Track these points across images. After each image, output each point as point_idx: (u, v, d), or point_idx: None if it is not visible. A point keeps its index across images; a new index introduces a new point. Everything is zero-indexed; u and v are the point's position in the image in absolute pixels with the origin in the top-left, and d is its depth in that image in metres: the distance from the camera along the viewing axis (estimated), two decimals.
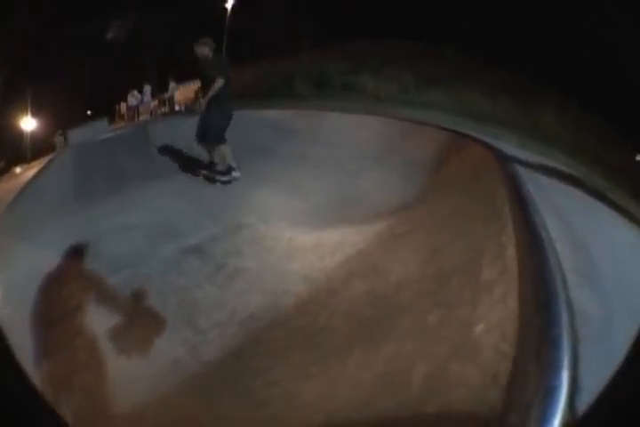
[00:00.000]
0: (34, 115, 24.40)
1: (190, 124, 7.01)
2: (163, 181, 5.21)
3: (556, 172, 3.27)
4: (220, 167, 4.87)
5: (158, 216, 4.01)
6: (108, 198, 5.01)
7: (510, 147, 4.11)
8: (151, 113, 16.17)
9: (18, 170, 19.74)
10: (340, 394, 1.53)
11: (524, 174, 2.55)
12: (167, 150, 6.28)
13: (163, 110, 15.86)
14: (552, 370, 1.10)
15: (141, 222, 3.90)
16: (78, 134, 9.91)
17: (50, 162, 7.22)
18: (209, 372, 1.88)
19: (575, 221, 2.10)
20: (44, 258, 3.49)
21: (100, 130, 9.57)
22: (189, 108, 13.79)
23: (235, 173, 4.81)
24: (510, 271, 1.59)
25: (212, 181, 4.89)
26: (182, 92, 15.98)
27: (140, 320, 2.40)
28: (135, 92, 16.43)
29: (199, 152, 5.52)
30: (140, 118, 16.04)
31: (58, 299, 2.78)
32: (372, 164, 4.12)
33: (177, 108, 15.06)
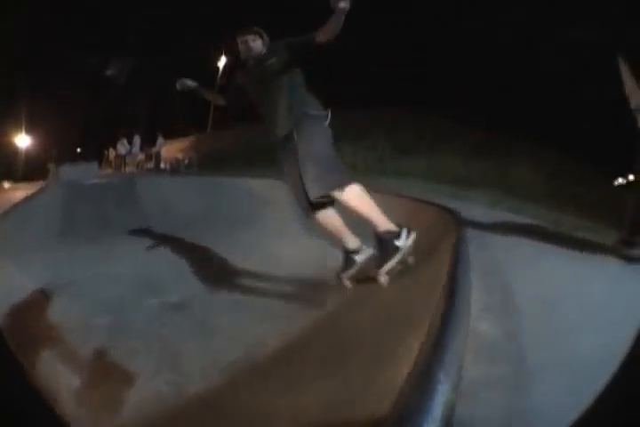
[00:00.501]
0: (28, 133, 24.49)
1: (177, 184, 7.41)
2: (146, 236, 5.31)
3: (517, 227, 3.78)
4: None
5: (141, 269, 4.12)
6: (93, 244, 5.16)
7: (480, 207, 4.53)
8: (137, 165, 16.43)
9: (6, 185, 19.61)
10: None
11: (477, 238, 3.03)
12: (153, 206, 6.45)
13: (148, 165, 16.14)
14: None
15: (124, 273, 4.02)
16: (69, 172, 9.96)
17: (40, 191, 7.36)
18: (193, 403, 2.10)
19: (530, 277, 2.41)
20: (17, 283, 3.68)
21: (90, 172, 9.71)
22: (174, 168, 14.13)
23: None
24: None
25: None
26: (168, 149, 16.28)
27: (118, 363, 2.60)
28: (125, 141, 16.76)
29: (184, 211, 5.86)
30: (127, 168, 16.28)
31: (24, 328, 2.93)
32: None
33: (162, 165, 15.20)
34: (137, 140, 16.55)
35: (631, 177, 4.27)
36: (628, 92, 4.53)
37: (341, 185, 3.02)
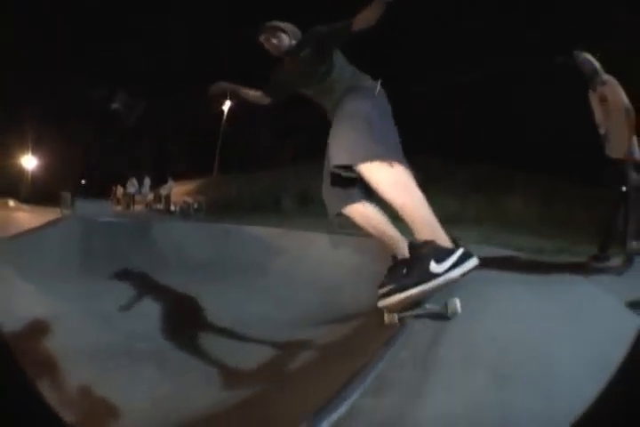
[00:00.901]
0: (34, 154, 24.76)
1: (189, 230, 7.75)
2: (166, 278, 5.39)
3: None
4: None
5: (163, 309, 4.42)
6: (114, 279, 5.35)
7: (472, 243, 4.65)
8: (147, 205, 16.76)
9: (11, 203, 19.75)
10: None
11: None
12: (167, 249, 6.78)
13: (157, 206, 16.54)
14: None
15: (150, 310, 4.32)
16: (85, 207, 10.05)
17: (57, 220, 7.59)
18: None
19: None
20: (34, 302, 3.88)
21: (106, 210, 9.84)
22: (184, 211, 14.61)
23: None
24: None
25: None
26: (175, 192, 16.55)
27: None
28: (134, 181, 17.13)
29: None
30: (135, 207, 16.58)
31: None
32: (350, 279, 4.72)
33: (172, 207, 15.55)
34: (147, 181, 16.92)
35: None
36: (597, 120, 5.19)
37: (375, 158, 2.37)
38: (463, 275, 2.24)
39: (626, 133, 4.65)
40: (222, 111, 24.29)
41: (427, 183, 2.83)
